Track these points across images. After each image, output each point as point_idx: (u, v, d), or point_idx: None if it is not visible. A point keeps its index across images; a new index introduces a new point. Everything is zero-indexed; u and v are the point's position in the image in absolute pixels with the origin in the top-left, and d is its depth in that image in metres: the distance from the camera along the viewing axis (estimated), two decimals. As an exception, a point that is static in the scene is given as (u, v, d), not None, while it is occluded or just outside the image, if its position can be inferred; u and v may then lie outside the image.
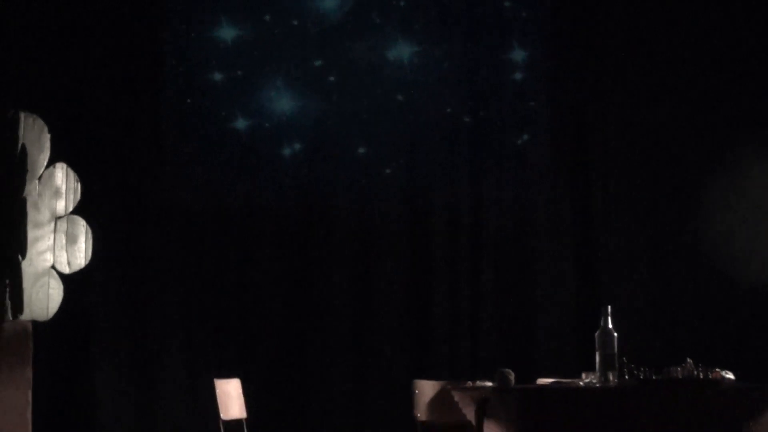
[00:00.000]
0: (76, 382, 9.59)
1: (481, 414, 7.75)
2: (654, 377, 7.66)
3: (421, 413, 8.52)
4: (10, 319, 8.21)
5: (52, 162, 8.38)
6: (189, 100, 10.20)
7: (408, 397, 8.58)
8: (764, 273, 10.48)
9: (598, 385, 7.57)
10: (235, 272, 10.07)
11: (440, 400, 8.52)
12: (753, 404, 7.68)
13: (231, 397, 8.54)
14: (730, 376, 7.86)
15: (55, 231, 8.38)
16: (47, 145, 8.36)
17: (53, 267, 8.37)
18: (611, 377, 7.59)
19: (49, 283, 8.36)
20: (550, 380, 7.81)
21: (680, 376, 7.70)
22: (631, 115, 10.64)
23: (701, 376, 7.75)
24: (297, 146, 10.39)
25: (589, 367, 7.68)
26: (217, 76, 10.31)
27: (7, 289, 8.21)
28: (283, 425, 9.40)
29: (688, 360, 7.87)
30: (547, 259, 10.54)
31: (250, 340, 9.99)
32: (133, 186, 9.83)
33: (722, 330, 10.15)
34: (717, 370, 7.88)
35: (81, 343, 9.52)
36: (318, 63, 10.44)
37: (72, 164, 8.49)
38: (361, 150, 10.45)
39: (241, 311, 10.05)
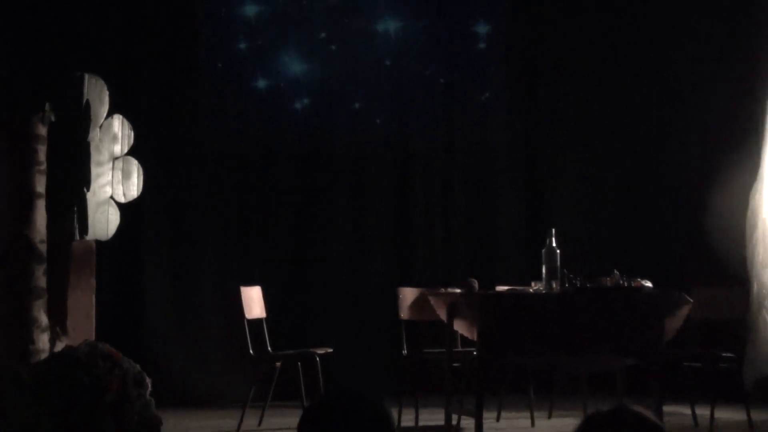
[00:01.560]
0: (130, 288, 9.64)
1: (452, 314, 7.85)
2: (588, 285, 7.73)
3: (404, 314, 8.59)
4: (77, 238, 8.25)
5: (110, 113, 8.37)
6: (220, 65, 10.20)
7: (394, 301, 8.65)
8: (674, 203, 10.52)
9: (544, 291, 7.67)
10: (256, 201, 10.08)
11: (419, 303, 8.58)
12: (667, 305, 7.77)
13: (253, 300, 8.59)
14: (648, 284, 7.93)
15: (113, 169, 8.39)
16: (106, 99, 8.35)
17: (112, 197, 8.38)
18: (554, 285, 7.68)
19: (108, 210, 8.38)
20: (506, 287, 7.87)
21: (609, 284, 7.78)
22: (575, 76, 10.66)
23: (626, 284, 7.83)
24: (306, 101, 10.40)
25: (537, 277, 7.77)
26: (242, 45, 10.30)
27: (76, 215, 8.25)
28: (295, 323, 9.45)
29: (615, 271, 7.94)
30: (505, 191, 10.59)
31: (269, 255, 10.02)
32: (176, 132, 9.84)
33: (641, 247, 10.21)
34: (638, 279, 7.95)
35: (133, 258, 9.56)
36: (322, 35, 10.42)
37: (126, 115, 8.48)
38: (357, 104, 10.46)
39: (262, 232, 10.10)
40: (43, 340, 6.97)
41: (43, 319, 7.02)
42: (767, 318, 9.58)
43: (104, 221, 8.35)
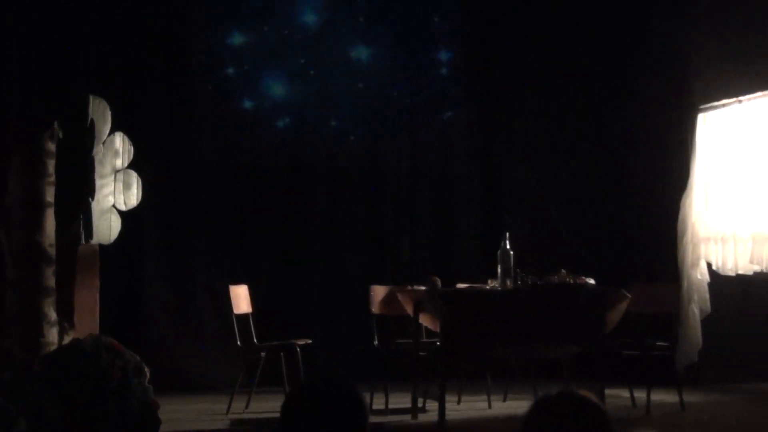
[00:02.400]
0: (130, 287, 9.60)
1: (417, 309, 7.85)
2: (538, 283, 7.75)
3: (375, 309, 8.59)
4: (83, 242, 8.24)
5: (112, 131, 8.39)
6: (210, 87, 10.18)
7: (366, 297, 8.65)
8: (615, 210, 10.56)
9: (499, 288, 7.69)
10: (244, 209, 10.07)
11: (388, 300, 8.58)
12: (608, 300, 7.80)
13: (241, 297, 8.58)
14: (592, 281, 7.96)
15: (115, 180, 8.39)
16: (109, 118, 8.36)
17: (114, 206, 8.38)
18: (508, 283, 7.69)
19: (110, 217, 8.38)
20: (465, 285, 7.88)
21: (557, 282, 7.80)
22: (526, 95, 10.76)
23: (572, 282, 7.85)
24: (287, 120, 10.40)
25: (493, 276, 7.78)
26: (230, 70, 10.29)
27: (81, 222, 8.24)
28: (278, 318, 9.42)
29: (562, 270, 7.96)
30: (465, 199, 10.66)
31: (255, 256, 10.00)
32: (171, 148, 9.81)
33: (586, 249, 10.24)
34: (582, 277, 7.98)
35: (133, 260, 9.52)
36: (302, 61, 10.43)
37: (127, 132, 8.49)
38: (333, 122, 10.49)
39: (249, 236, 10.07)
40: (52, 334, 6.95)
41: (52, 314, 7.01)
42: (696, 311, 9.63)
43: (107, 227, 8.35)
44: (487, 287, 7.75)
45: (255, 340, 8.52)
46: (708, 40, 10.04)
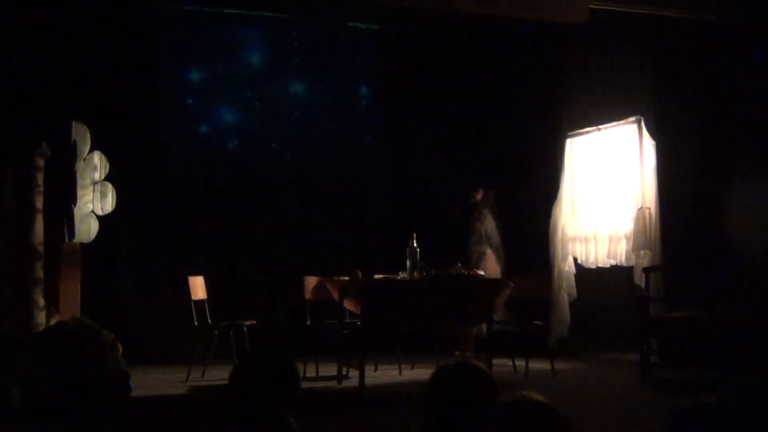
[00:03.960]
0: (106, 277, 9.46)
1: (342, 295, 7.86)
2: (439, 274, 7.79)
3: (308, 295, 8.60)
4: (67, 241, 8.13)
5: (91, 150, 8.29)
6: (173, 114, 10.07)
7: (300, 286, 8.65)
8: (501, 215, 10.62)
9: (408, 279, 7.69)
10: (200, 213, 9.97)
11: (319, 288, 8.59)
12: (494, 288, 7.87)
13: (197, 286, 8.52)
14: (482, 272, 8.02)
15: (93, 191, 8.28)
16: (88, 139, 8.27)
17: (92, 211, 8.28)
18: (415, 274, 7.71)
19: (90, 220, 8.28)
20: (381, 276, 7.89)
21: (454, 273, 7.84)
22: (430, 121, 10.74)
23: (466, 273, 7.90)
24: (236, 142, 10.34)
25: (403, 268, 7.80)
26: (190, 101, 10.21)
27: (65, 224, 8.12)
28: (228, 302, 9.30)
29: (458, 264, 8.01)
30: (380, 204, 10.69)
31: (210, 252, 9.90)
32: (140, 164, 9.69)
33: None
34: (474, 269, 8.03)
35: (109, 255, 9.37)
36: (248, 93, 10.38)
37: (103, 151, 8.39)
38: (273, 144, 10.44)
39: (204, 236, 9.97)
40: (40, 317, 6.85)
41: (41, 301, 6.90)
42: (564, 296, 9.75)
43: (87, 229, 8.24)
44: (398, 278, 7.78)
45: (209, 321, 8.46)
46: (575, 83, 10.25)
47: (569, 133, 10.03)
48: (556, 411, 2.31)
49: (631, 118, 9.12)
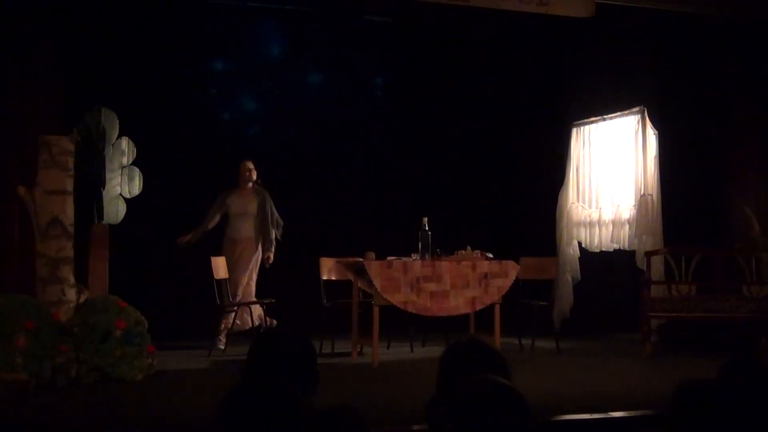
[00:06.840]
0: (133, 258, 9.48)
1: (357, 276, 7.85)
2: (450, 256, 7.79)
3: (324, 275, 8.61)
4: (96, 222, 8.14)
5: (119, 136, 8.28)
6: (198, 102, 10.10)
7: (317, 266, 8.64)
8: (509, 201, 10.61)
9: (420, 260, 7.68)
10: (216, 196, 9.98)
11: (335, 268, 8.61)
12: (502, 269, 7.86)
13: (219, 266, 8.54)
14: (490, 255, 8.01)
15: (121, 174, 8.28)
16: (117, 125, 8.25)
17: (120, 194, 8.28)
18: (427, 256, 7.70)
19: (118, 203, 8.28)
20: (394, 257, 7.88)
21: (464, 255, 7.83)
22: (442, 111, 10.76)
23: (475, 255, 7.89)
24: (257, 129, 10.36)
25: (416, 250, 7.79)
26: (213, 90, 10.23)
27: (95, 206, 8.13)
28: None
29: (468, 246, 8.01)
30: (394, 189, 10.61)
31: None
32: (166, 149, 9.71)
33: (486, 230, 10.29)
34: (483, 251, 8.02)
35: (135, 237, 9.39)
36: (269, 84, 10.39)
37: (131, 137, 8.38)
38: (292, 132, 10.43)
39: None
40: (71, 294, 6.86)
41: (72, 279, 6.92)
42: (569, 278, 9.74)
43: (115, 211, 8.25)
44: (411, 259, 7.77)
45: (230, 299, 8.47)
46: (581, 75, 10.23)
47: (575, 123, 10.00)
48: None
49: (635, 109, 9.09)
